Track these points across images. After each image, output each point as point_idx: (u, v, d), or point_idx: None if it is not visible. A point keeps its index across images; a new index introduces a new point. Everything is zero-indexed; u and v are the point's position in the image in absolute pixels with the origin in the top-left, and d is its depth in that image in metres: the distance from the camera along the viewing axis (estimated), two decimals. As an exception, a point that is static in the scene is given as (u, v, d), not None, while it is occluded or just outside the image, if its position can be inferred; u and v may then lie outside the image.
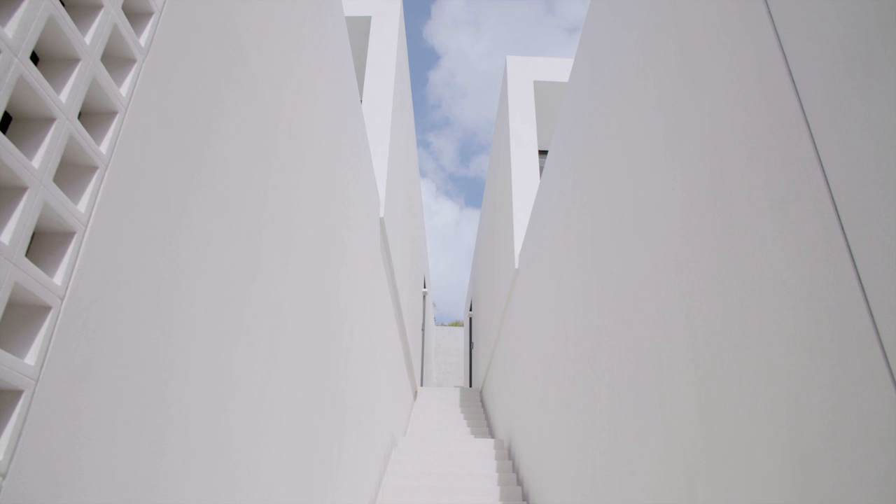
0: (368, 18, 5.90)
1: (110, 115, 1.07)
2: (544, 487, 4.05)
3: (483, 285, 9.96)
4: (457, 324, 22.30)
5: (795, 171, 1.28)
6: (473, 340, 12.57)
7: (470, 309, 13.57)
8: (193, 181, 1.40)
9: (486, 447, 5.99)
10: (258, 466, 1.88)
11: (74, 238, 0.96)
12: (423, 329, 11.95)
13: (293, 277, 2.30)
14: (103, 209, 1.03)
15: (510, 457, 5.82)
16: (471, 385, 13.22)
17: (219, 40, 1.54)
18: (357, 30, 5.97)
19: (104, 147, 1.05)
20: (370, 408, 4.41)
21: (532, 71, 6.70)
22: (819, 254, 1.18)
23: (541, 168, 6.97)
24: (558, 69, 6.75)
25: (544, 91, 6.79)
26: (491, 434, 7.65)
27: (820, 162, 1.21)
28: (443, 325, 20.08)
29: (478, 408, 9.07)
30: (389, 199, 5.29)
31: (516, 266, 5.76)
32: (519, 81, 6.66)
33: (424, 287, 12.32)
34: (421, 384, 11.25)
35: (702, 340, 1.66)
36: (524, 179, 6.13)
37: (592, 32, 3.04)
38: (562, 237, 3.66)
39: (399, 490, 4.88)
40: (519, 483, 5.20)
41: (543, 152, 7.30)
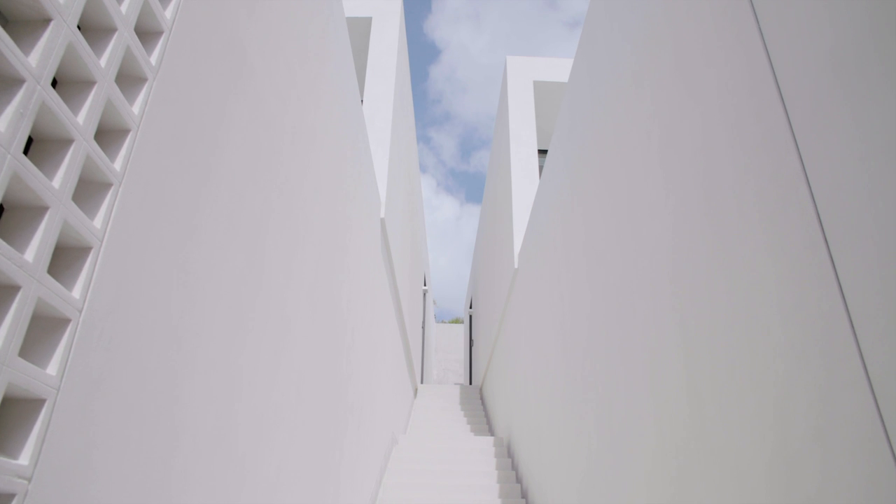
0: (369, 19, 5.94)
1: (123, 133, 1.12)
2: (543, 485, 4.11)
3: (483, 283, 10.01)
4: (457, 321, 22.36)
5: (783, 185, 1.32)
6: (473, 338, 12.63)
7: (470, 307, 13.63)
8: (201, 192, 1.45)
9: (486, 445, 6.05)
10: (264, 466, 1.94)
11: (91, 253, 1.01)
12: (424, 327, 12.01)
13: (297, 281, 2.34)
14: (117, 224, 1.08)
15: (509, 454, 5.87)
16: (471, 382, 13.28)
17: (225, 54, 1.59)
18: (358, 30, 6.00)
19: (118, 164, 1.09)
20: (371, 406, 4.46)
21: (532, 71, 6.74)
22: (804, 266, 1.23)
23: (540, 167, 7.01)
24: (558, 69, 6.78)
25: (544, 91, 6.83)
26: (491, 432, 7.71)
27: (806, 177, 1.25)
28: (443, 323, 20.15)
29: (478, 405, 9.13)
30: (390, 200, 5.34)
31: (515, 266, 5.81)
32: (519, 82, 6.69)
33: (425, 285, 12.38)
34: (421, 381, 11.32)
35: (693, 345, 1.70)
36: (524, 179, 6.18)
37: (591, 39, 3.08)
38: (560, 239, 3.70)
39: (400, 487, 4.94)
40: (518, 480, 5.26)
41: (543, 151, 7.33)
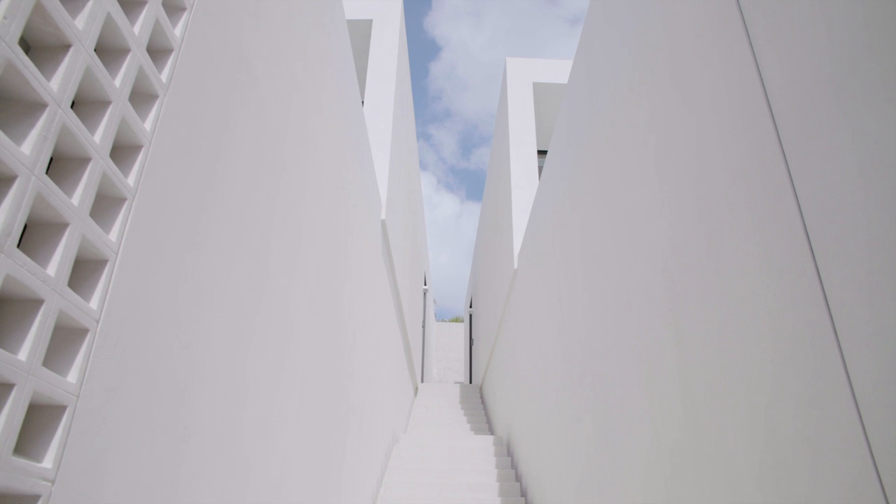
0: (369, 22, 5.98)
1: (136, 149, 1.17)
2: (542, 484, 4.16)
3: (483, 283, 10.06)
4: (457, 319, 22.41)
5: (773, 195, 1.37)
6: (473, 337, 12.68)
7: (470, 306, 13.68)
8: (208, 201, 1.49)
9: (486, 444, 6.10)
10: (269, 466, 1.99)
11: (107, 265, 1.05)
12: (424, 326, 12.07)
13: (300, 285, 2.39)
14: (131, 237, 1.13)
15: (509, 453, 5.93)
16: (471, 381, 13.34)
17: (230, 65, 1.63)
18: (358, 33, 6.04)
19: (131, 179, 1.14)
20: (372, 406, 4.52)
21: (531, 73, 6.78)
22: (792, 273, 1.28)
23: (540, 167, 7.06)
24: (557, 71, 6.82)
25: (543, 92, 6.87)
26: (490, 430, 7.77)
27: (793, 187, 1.30)
28: (443, 321, 20.20)
29: (477, 404, 9.19)
30: (391, 201, 5.39)
31: (515, 266, 5.86)
32: (518, 83, 6.74)
33: (425, 284, 12.43)
34: (422, 380, 11.37)
35: (687, 348, 1.75)
36: (523, 180, 6.23)
37: (589, 45, 3.12)
38: (559, 242, 3.75)
39: (400, 486, 4.99)
40: (517, 479, 5.31)
41: (543, 152, 7.38)
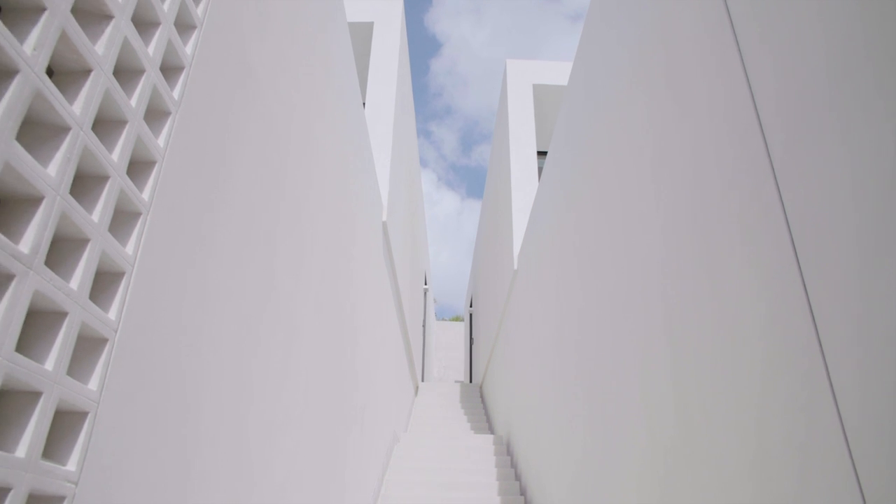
0: (371, 24, 6.03)
1: (150, 165, 1.22)
2: (541, 483, 4.22)
3: (483, 283, 10.12)
4: (457, 318, 22.48)
5: (762, 205, 1.42)
6: (474, 336, 12.74)
7: (470, 305, 13.73)
8: (217, 211, 1.55)
9: (486, 443, 6.16)
10: (274, 468, 2.04)
11: (124, 278, 1.11)
12: (424, 325, 12.13)
13: (304, 288, 2.45)
14: (146, 249, 1.18)
15: (509, 452, 5.99)
16: (471, 380, 13.40)
17: (237, 78, 1.68)
18: (359, 35, 6.09)
19: (146, 194, 1.19)
20: (374, 406, 4.57)
21: (531, 74, 6.83)
22: (779, 284, 1.33)
23: (539, 168, 7.11)
24: (556, 72, 6.87)
25: (543, 94, 6.92)
26: (490, 430, 7.83)
27: (781, 200, 1.35)
28: (443, 320, 20.26)
29: (478, 403, 9.25)
30: (391, 203, 5.44)
31: (515, 267, 5.91)
32: (518, 85, 6.78)
33: (425, 284, 12.48)
34: (422, 379, 11.43)
35: (680, 352, 1.80)
36: (523, 181, 6.28)
37: (587, 51, 3.17)
38: (557, 246, 3.80)
39: (401, 484, 5.05)
40: (517, 478, 5.37)
41: (543, 153, 7.43)
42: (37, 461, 0.87)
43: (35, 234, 0.87)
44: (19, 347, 0.89)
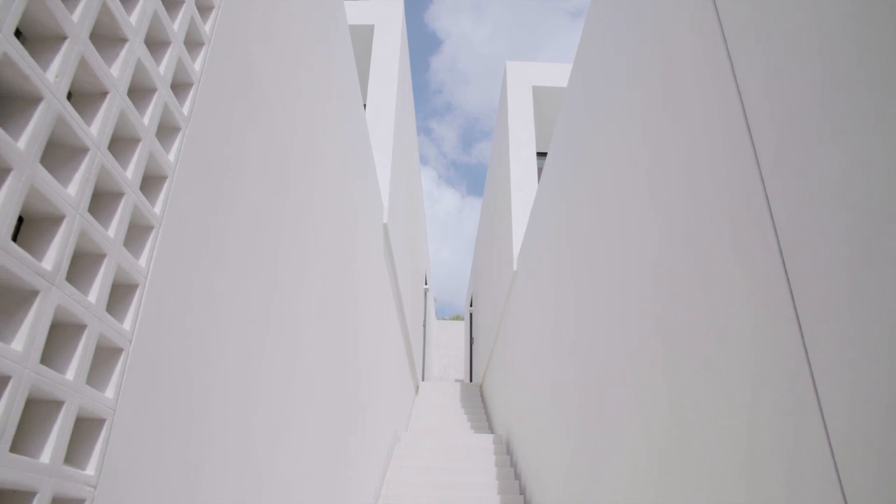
0: (371, 27, 6.07)
1: (162, 180, 1.27)
2: (541, 482, 4.27)
3: (483, 283, 10.17)
4: (457, 318, 22.53)
5: (752, 213, 1.47)
6: (474, 335, 12.79)
7: (470, 304, 13.79)
8: (223, 221, 1.59)
9: (486, 442, 6.22)
10: (280, 468, 2.09)
11: (138, 289, 1.15)
12: (425, 325, 12.18)
13: (307, 292, 2.50)
14: (158, 261, 1.23)
15: (508, 451, 6.04)
16: (471, 380, 13.45)
17: (242, 90, 1.73)
18: (360, 38, 6.13)
19: (157, 208, 1.24)
20: (375, 406, 4.62)
21: (531, 76, 6.87)
22: (767, 290, 1.37)
23: (539, 169, 7.15)
24: (556, 74, 6.91)
25: (543, 95, 6.96)
26: (490, 429, 7.88)
27: (770, 209, 1.40)
28: (444, 319, 20.31)
29: (478, 402, 9.30)
30: (392, 204, 5.49)
31: (514, 268, 5.96)
32: (518, 87, 6.83)
33: (426, 283, 12.53)
34: (422, 378, 11.49)
35: (674, 355, 1.85)
36: (523, 182, 6.32)
37: (586, 54, 3.21)
38: (555, 247, 3.85)
39: (402, 484, 5.11)
40: (517, 477, 5.42)
41: (543, 154, 7.47)
42: (59, 466, 0.92)
43: (57, 252, 0.92)
44: (43, 359, 0.94)
